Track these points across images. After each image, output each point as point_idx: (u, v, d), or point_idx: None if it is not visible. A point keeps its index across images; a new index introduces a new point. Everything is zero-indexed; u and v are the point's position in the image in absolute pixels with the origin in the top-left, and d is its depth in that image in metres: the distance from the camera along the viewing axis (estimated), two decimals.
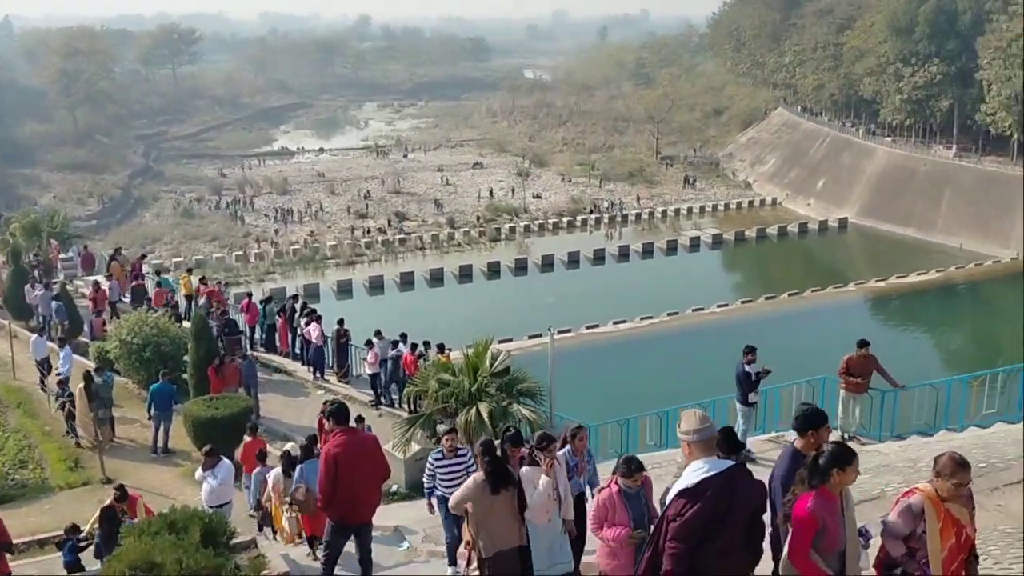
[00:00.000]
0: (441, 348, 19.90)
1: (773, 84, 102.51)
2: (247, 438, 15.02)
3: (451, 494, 7.85)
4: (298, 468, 11.87)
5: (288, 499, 11.57)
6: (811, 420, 6.07)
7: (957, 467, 5.38)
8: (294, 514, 11.31)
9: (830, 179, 77.03)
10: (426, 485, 10.17)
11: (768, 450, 13.19)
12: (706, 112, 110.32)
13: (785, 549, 5.30)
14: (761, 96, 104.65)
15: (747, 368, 13.39)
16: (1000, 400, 13.30)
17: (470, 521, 7.20)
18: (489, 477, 7.07)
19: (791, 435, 14.24)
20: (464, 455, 9.95)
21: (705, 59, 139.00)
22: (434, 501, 9.92)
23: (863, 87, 79.38)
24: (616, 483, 6.88)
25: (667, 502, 5.25)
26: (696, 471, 5.06)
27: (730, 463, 5.18)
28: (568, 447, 8.55)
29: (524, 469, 7.34)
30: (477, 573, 7.38)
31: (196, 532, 7.10)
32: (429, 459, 10.17)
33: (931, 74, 70.63)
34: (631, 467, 6.91)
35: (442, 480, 9.68)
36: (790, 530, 5.31)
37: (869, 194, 71.26)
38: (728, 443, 6.45)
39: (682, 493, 5.03)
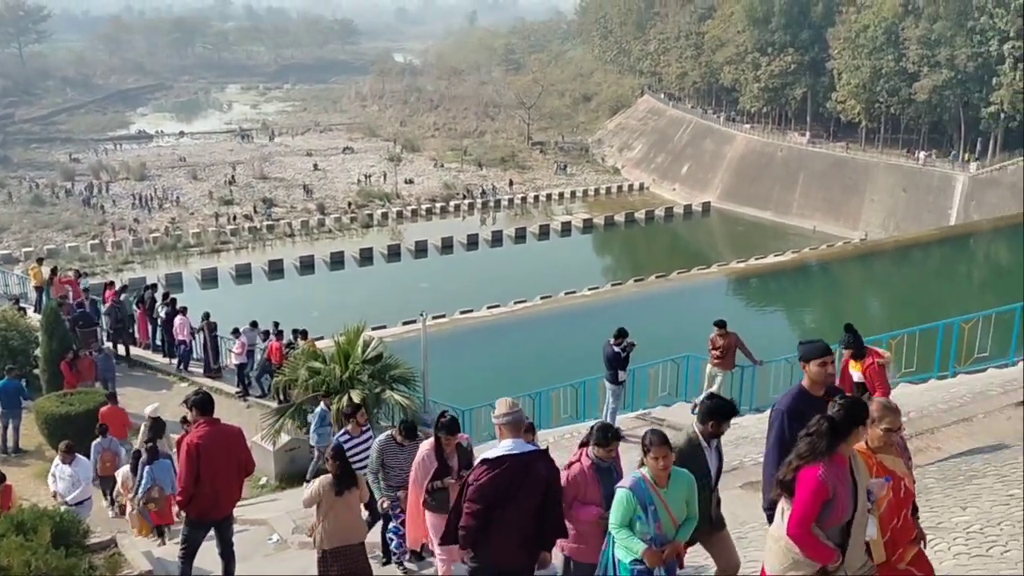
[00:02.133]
0: (305, 335, 19.41)
1: (639, 71, 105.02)
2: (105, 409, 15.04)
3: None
4: (146, 469, 11.61)
5: (140, 499, 11.72)
6: (821, 349, 5.75)
7: (885, 411, 4.96)
8: (147, 508, 11.63)
9: (694, 164, 79.67)
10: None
11: (636, 427, 13.50)
12: (575, 98, 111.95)
13: (783, 524, 4.68)
14: (628, 83, 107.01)
15: (615, 348, 13.64)
16: None
17: (316, 516, 7.82)
18: (336, 479, 7.71)
19: (657, 411, 14.66)
20: (368, 432, 9.68)
21: (574, 46, 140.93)
22: None
23: (724, 75, 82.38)
24: (587, 455, 6.23)
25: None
26: (502, 448, 5.74)
27: (533, 448, 5.91)
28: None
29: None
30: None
31: (46, 532, 6.65)
32: (334, 442, 9.67)
33: (786, 63, 74.01)
34: (608, 435, 6.21)
35: (352, 460, 9.10)
36: (783, 503, 4.75)
37: (730, 179, 74.14)
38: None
39: (483, 462, 5.71)
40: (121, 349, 21.71)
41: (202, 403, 7.55)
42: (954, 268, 47.22)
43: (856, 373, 9.35)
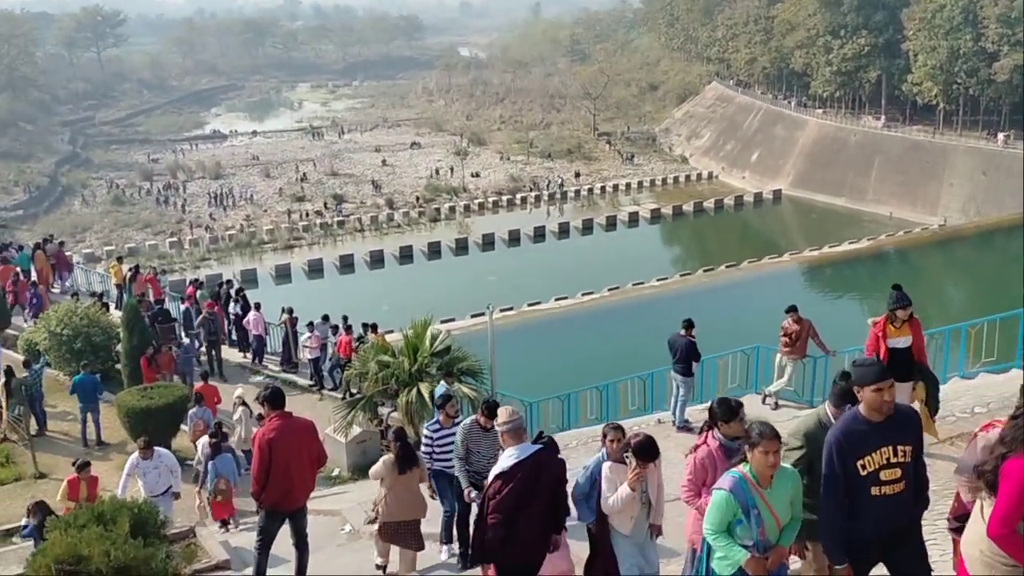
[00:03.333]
0: (375, 328, 19.66)
1: (707, 59, 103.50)
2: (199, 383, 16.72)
3: (448, 467, 8.92)
4: (210, 464, 12.08)
5: (209, 492, 12.33)
6: (877, 373, 4.89)
7: None
8: (215, 499, 12.39)
9: (764, 151, 78.22)
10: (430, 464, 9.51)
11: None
12: (642, 87, 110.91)
13: (983, 525, 4.13)
14: (695, 71, 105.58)
15: (687, 339, 13.42)
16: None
17: (380, 491, 8.74)
18: (398, 460, 8.66)
19: None
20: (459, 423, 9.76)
21: (639, 34, 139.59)
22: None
23: (794, 60, 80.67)
24: (714, 436, 5.96)
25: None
26: (509, 457, 6.02)
27: (537, 448, 6.08)
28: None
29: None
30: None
31: (125, 523, 6.90)
32: (425, 431, 9.75)
33: (859, 46, 72.11)
34: (733, 408, 5.91)
35: (441, 451, 9.25)
36: (983, 499, 4.21)
37: (802, 165, 72.58)
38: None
39: (499, 475, 5.97)
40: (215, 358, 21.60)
41: (273, 397, 7.73)
42: None
43: (904, 339, 8.96)
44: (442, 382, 14.68)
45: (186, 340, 21.34)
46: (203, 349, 21.56)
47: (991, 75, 61.59)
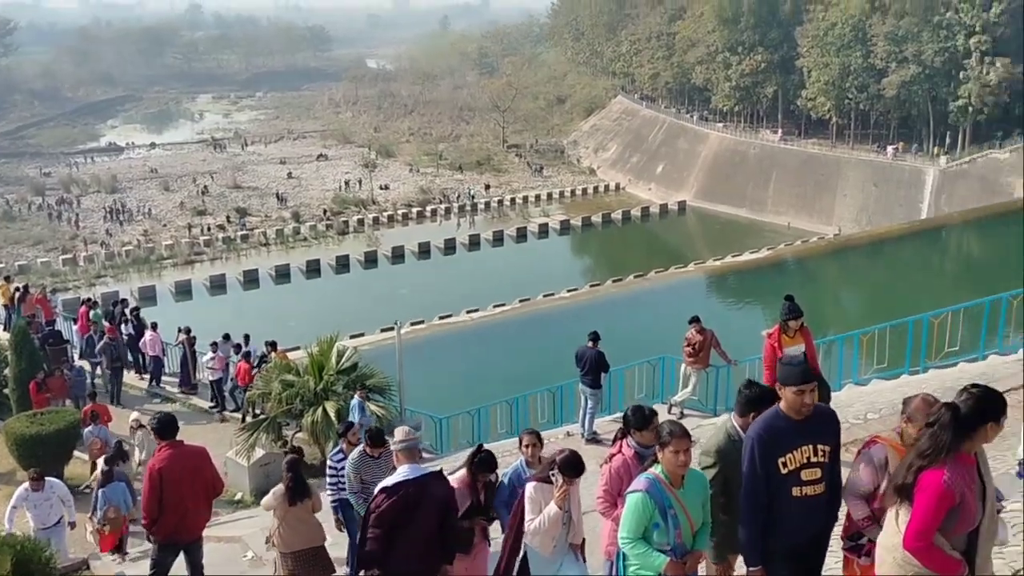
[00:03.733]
0: (275, 346, 19.14)
1: (612, 72, 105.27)
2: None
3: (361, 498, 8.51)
4: (100, 492, 11.64)
5: (98, 520, 11.72)
6: (799, 374, 4.75)
7: (930, 409, 4.51)
8: (104, 529, 11.75)
9: (669, 164, 79.94)
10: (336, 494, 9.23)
11: (614, 430, 13.45)
12: (549, 100, 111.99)
13: (898, 532, 4.15)
14: (601, 84, 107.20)
15: (594, 351, 13.50)
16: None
17: (273, 522, 8.49)
18: (288, 491, 8.33)
19: None
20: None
21: (546, 48, 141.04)
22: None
23: (695, 75, 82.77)
24: (628, 444, 5.89)
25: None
26: (397, 474, 6.07)
27: (427, 471, 6.13)
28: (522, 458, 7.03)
29: (532, 486, 6.09)
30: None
31: (6, 562, 6.52)
32: (329, 461, 9.45)
33: (756, 62, 74.47)
34: (647, 415, 5.85)
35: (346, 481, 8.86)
36: (897, 508, 4.22)
37: (705, 177, 74.46)
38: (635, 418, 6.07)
39: (382, 490, 6.01)
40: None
41: (162, 427, 7.41)
42: (927, 261, 47.63)
43: (797, 347, 9.22)
44: (356, 396, 14.43)
45: (80, 363, 20.41)
46: (101, 374, 20.59)
47: (880, 91, 64.40)
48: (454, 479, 6.76)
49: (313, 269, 53.06)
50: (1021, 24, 59.42)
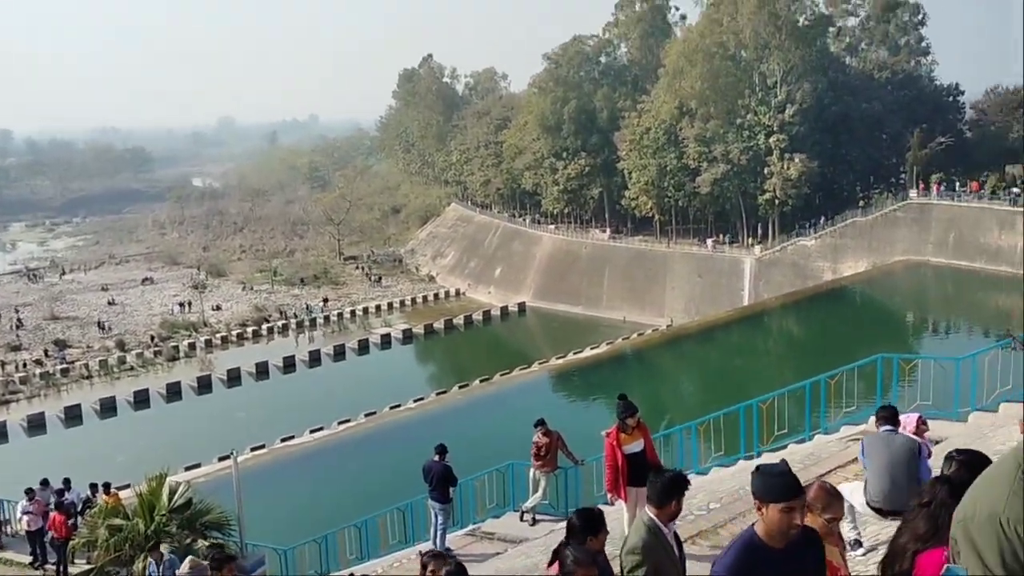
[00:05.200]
0: (106, 488, 17.73)
1: (445, 181, 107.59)
2: None
3: None
4: None
5: None
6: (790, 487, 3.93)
7: (830, 498, 4.44)
8: None
9: (506, 267, 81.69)
10: None
11: (467, 544, 13.12)
12: (384, 211, 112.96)
13: None
14: (435, 193, 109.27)
15: (442, 464, 13.23)
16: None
17: None
18: None
19: (488, 525, 14.35)
20: None
21: (378, 160, 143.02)
22: None
23: (525, 180, 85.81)
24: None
25: None
26: None
27: None
28: None
29: None
30: None
31: None
32: None
33: (580, 166, 78.14)
34: (596, 518, 5.45)
35: None
36: None
37: (541, 278, 76.46)
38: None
39: None
40: None
41: None
42: (753, 345, 50.28)
43: (637, 443, 9.42)
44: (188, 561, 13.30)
45: None
46: None
47: (695, 188, 68.79)
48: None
49: (142, 399, 50.00)
50: (813, 123, 65.57)
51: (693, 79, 66.37)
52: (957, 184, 58.67)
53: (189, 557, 6.09)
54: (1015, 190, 55.40)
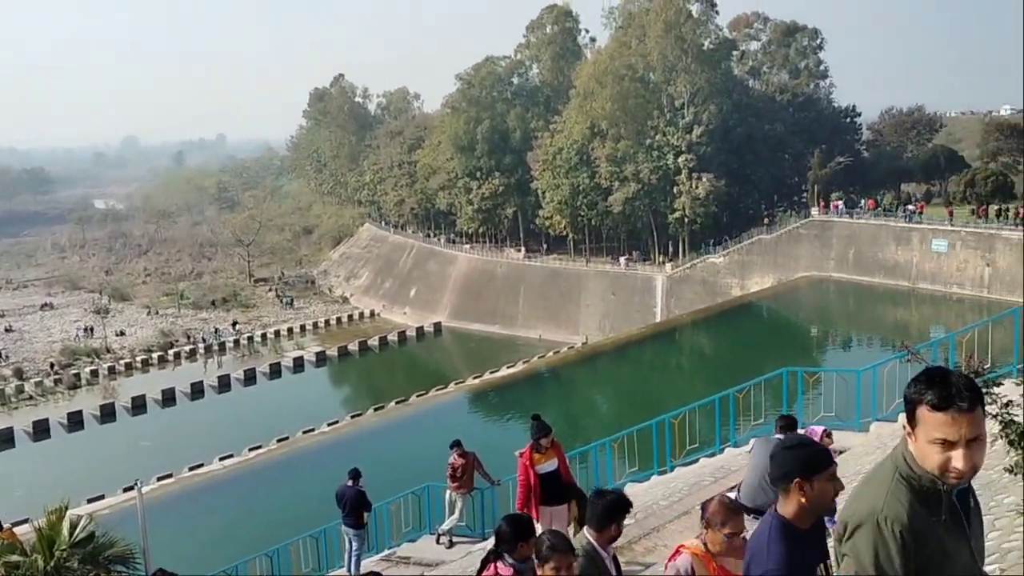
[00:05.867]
0: None
1: (358, 201, 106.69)
2: None
3: None
4: None
5: None
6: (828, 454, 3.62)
7: (729, 513, 4.50)
8: None
9: (421, 287, 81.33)
10: None
11: (383, 569, 12.91)
12: (296, 232, 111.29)
13: None
14: (348, 213, 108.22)
15: (356, 489, 13.04)
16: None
17: None
18: None
19: (403, 549, 14.17)
20: None
21: (289, 180, 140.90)
22: None
23: (439, 200, 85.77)
24: (505, 564, 5.16)
25: None
26: None
27: None
28: None
29: None
30: None
31: None
32: None
33: (494, 186, 78.54)
34: (523, 527, 5.17)
35: None
36: None
37: (457, 298, 76.35)
38: None
39: None
40: None
41: None
42: (666, 360, 51.18)
43: (551, 463, 9.46)
44: None
45: None
46: None
47: (608, 207, 69.89)
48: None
49: (41, 429, 47.82)
50: (719, 144, 67.48)
51: (603, 100, 67.57)
52: (864, 201, 60.95)
53: None
54: (910, 207, 57.98)
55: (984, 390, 5.02)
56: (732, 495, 7.89)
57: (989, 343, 12.64)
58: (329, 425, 42.43)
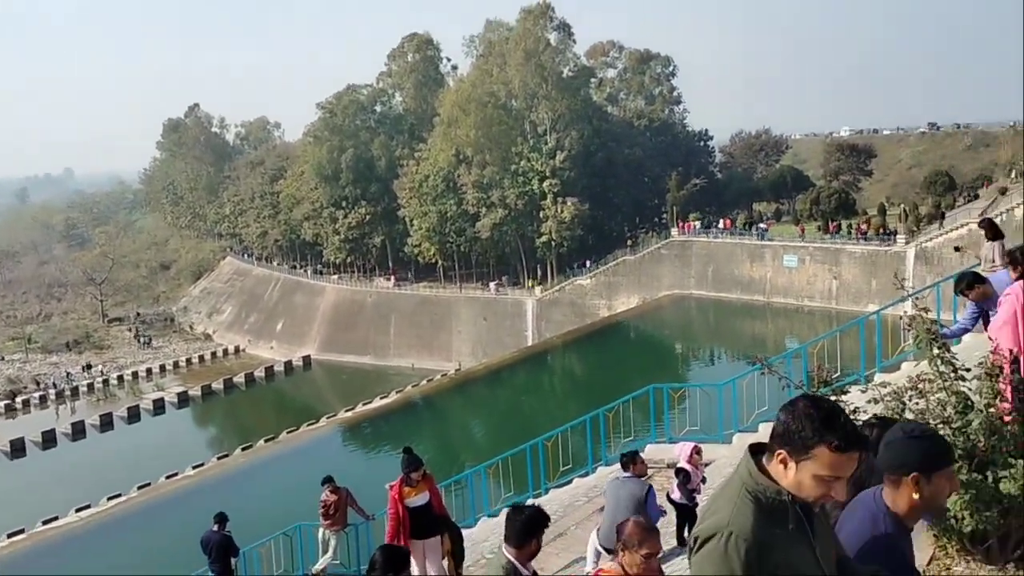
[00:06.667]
0: None
1: (218, 234, 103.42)
2: None
3: None
4: None
5: None
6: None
7: (645, 534, 4.55)
8: None
9: (288, 320, 79.35)
10: None
11: None
12: (152, 268, 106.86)
13: None
14: (208, 247, 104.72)
15: (222, 534, 12.50)
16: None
17: None
18: None
19: None
20: None
21: (143, 215, 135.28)
22: None
23: (304, 231, 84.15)
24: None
25: None
26: None
27: None
28: None
29: None
30: None
31: None
32: None
33: (361, 215, 77.78)
34: (395, 563, 4.98)
35: None
36: None
37: (326, 329, 74.89)
38: None
39: None
40: None
41: None
42: (539, 383, 51.70)
43: (421, 496, 9.39)
44: None
45: None
46: None
47: (476, 233, 70.32)
48: None
49: None
50: (582, 168, 69.12)
51: (468, 127, 68.15)
52: (720, 221, 63.55)
53: None
54: (761, 225, 60.94)
55: (833, 398, 5.32)
56: (592, 536, 8.18)
57: (838, 352, 13.37)
58: (194, 468, 40.61)
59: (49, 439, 51.50)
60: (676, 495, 9.27)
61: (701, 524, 2.61)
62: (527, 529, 4.95)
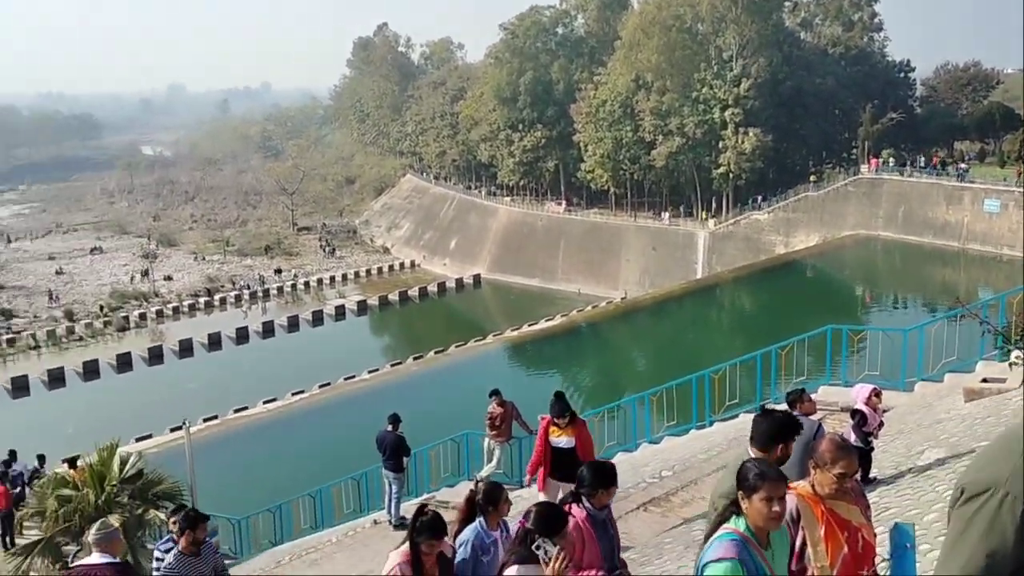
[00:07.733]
0: (72, 463, 17.36)
1: (400, 152, 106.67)
2: None
3: None
4: None
5: None
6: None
7: (839, 452, 4.11)
8: None
9: (461, 239, 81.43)
10: None
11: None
12: (338, 181, 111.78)
13: None
14: (390, 164, 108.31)
15: (395, 434, 13.25)
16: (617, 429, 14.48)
17: None
18: None
19: (442, 494, 14.41)
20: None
21: (332, 130, 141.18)
22: None
23: (480, 152, 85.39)
24: (581, 506, 5.20)
25: None
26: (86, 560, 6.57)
27: (109, 561, 6.47)
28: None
29: (515, 569, 4.57)
30: None
31: None
32: (158, 549, 8.13)
33: (536, 138, 77.93)
34: (608, 473, 5.29)
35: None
36: None
37: (497, 250, 76.37)
38: None
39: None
40: None
41: None
42: (705, 318, 50.89)
43: (567, 439, 9.41)
44: (97, 523, 12.72)
45: None
46: None
47: (651, 161, 69.07)
48: (397, 553, 5.30)
49: (91, 370, 49.15)
50: (767, 98, 66.06)
51: (650, 51, 66.38)
52: (921, 158, 59.36)
53: (100, 520, 6.05)
54: (963, 166, 56.49)
55: None
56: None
57: None
58: (369, 372, 43.02)
59: (242, 336, 55.80)
60: (852, 437, 8.97)
61: (969, 475, 2.41)
62: (773, 434, 4.79)
